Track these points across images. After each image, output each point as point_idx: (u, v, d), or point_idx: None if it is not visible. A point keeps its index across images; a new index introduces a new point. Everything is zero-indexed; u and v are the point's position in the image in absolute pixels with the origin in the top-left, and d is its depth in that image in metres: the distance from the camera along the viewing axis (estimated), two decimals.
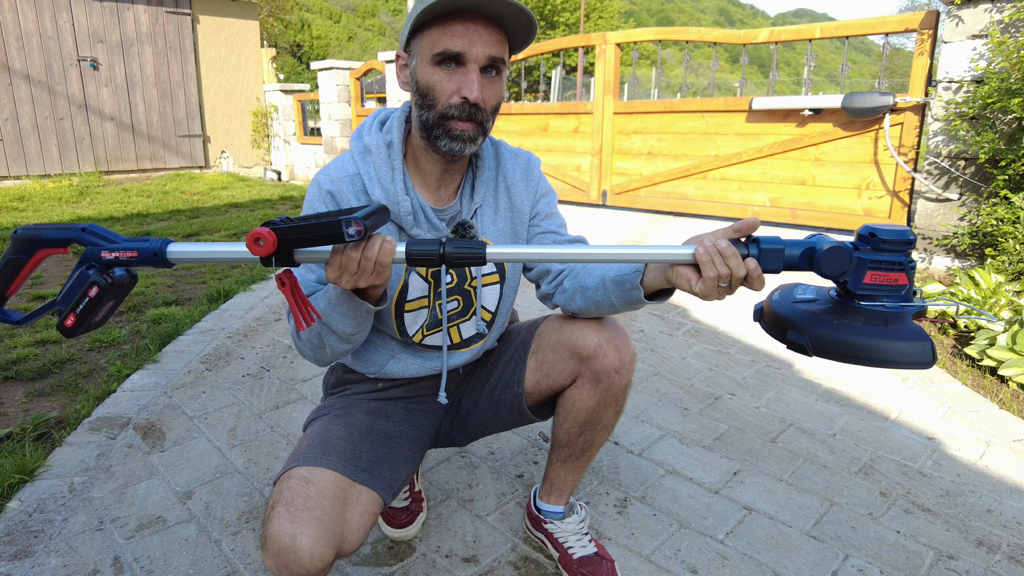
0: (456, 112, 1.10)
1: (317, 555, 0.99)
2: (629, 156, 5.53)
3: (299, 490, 1.04)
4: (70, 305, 0.92)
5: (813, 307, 0.94)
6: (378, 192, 1.18)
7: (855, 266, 0.90)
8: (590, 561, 1.39)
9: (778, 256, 0.94)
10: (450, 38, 1.06)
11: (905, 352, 0.86)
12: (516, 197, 1.30)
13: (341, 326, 1.09)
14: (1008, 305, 2.79)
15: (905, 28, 3.98)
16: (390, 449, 1.23)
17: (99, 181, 8.28)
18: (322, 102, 8.61)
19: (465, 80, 1.07)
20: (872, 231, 0.90)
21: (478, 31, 1.06)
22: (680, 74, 19.98)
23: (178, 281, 3.88)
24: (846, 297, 0.93)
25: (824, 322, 0.91)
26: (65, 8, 8.00)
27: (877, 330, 0.88)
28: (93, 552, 1.50)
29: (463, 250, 0.93)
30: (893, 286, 0.90)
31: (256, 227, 0.94)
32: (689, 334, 2.95)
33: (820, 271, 0.91)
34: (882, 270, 0.90)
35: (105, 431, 2.06)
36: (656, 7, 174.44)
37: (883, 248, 0.89)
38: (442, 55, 1.07)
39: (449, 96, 1.09)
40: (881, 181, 4.21)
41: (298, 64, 32.18)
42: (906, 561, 1.48)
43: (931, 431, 2.07)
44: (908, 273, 0.90)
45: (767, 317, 1.00)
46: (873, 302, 0.91)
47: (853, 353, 0.88)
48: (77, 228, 0.95)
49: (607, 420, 1.32)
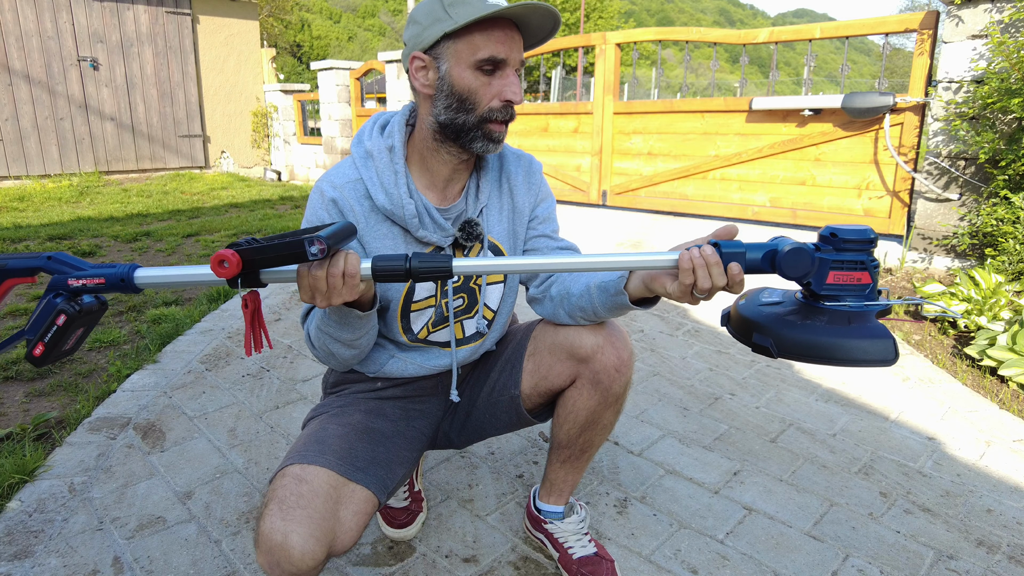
0: (498, 115, 1.14)
1: (308, 553, 0.99)
2: (629, 156, 5.53)
3: (292, 488, 1.05)
4: (38, 334, 0.90)
5: (778, 309, 0.95)
6: (381, 196, 1.18)
7: (817, 267, 0.91)
8: (590, 561, 1.39)
9: (739, 260, 0.94)
10: (495, 44, 1.09)
11: (867, 350, 0.87)
12: (518, 199, 1.31)
13: (340, 333, 1.11)
14: (1008, 305, 2.79)
15: (905, 28, 3.98)
16: (386, 448, 1.23)
17: (99, 181, 8.28)
18: (322, 102, 8.61)
19: (507, 83, 1.12)
20: (833, 231, 0.91)
21: (514, 37, 1.12)
22: (680, 74, 19.99)
23: None
24: (811, 299, 0.94)
25: (788, 324, 0.92)
26: (65, 8, 8.00)
27: (839, 329, 0.89)
28: (93, 552, 1.50)
29: (428, 264, 0.93)
30: (856, 285, 0.91)
31: (228, 244, 0.95)
32: (689, 334, 2.95)
33: (782, 273, 0.92)
34: (844, 270, 0.90)
35: (105, 431, 2.06)
36: (656, 7, 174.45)
37: (844, 248, 0.90)
38: (486, 61, 1.10)
39: (491, 99, 1.12)
40: (881, 181, 4.21)
41: (298, 64, 32.19)
42: (906, 561, 1.48)
43: (931, 431, 2.07)
44: (871, 272, 0.91)
45: (733, 321, 1.00)
46: (837, 302, 0.91)
47: (816, 353, 0.89)
48: (43, 257, 0.94)
49: (607, 420, 1.32)
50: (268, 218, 6.08)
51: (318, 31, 47.01)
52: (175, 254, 4.62)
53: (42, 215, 6.11)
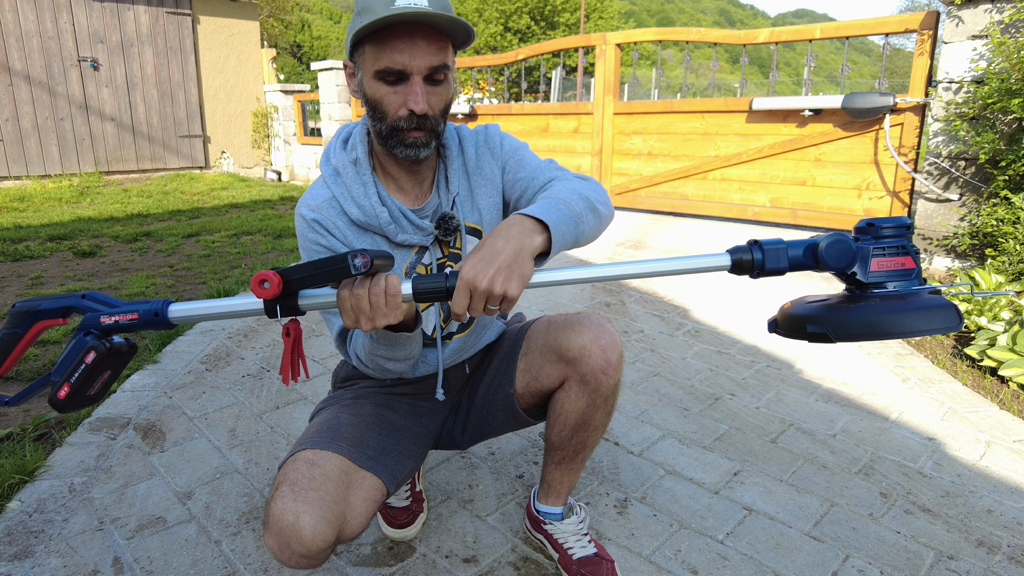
0: (405, 124, 1.11)
1: (319, 534, 0.99)
2: (629, 156, 5.53)
3: (304, 471, 1.06)
4: (64, 375, 0.86)
5: (827, 302, 0.94)
6: (355, 211, 1.19)
7: (860, 256, 0.90)
8: (590, 562, 1.39)
9: (782, 254, 0.93)
10: (390, 55, 1.05)
11: (929, 319, 0.85)
12: (486, 171, 1.30)
13: (393, 352, 1.12)
14: (1008, 305, 2.79)
15: (905, 28, 3.98)
16: (396, 440, 1.25)
17: (99, 181, 8.28)
18: (322, 102, 8.61)
19: (410, 93, 1.08)
20: (869, 222, 0.91)
21: (416, 44, 1.05)
22: (680, 74, 19.98)
23: (178, 281, 3.88)
24: (858, 289, 0.93)
25: (841, 310, 0.90)
26: (65, 8, 8.00)
27: (897, 305, 0.88)
28: (93, 552, 1.50)
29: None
30: (902, 270, 0.90)
31: (261, 270, 0.94)
32: (689, 334, 2.95)
33: (826, 265, 0.91)
34: (887, 256, 0.90)
35: (105, 431, 2.06)
36: (656, 8, 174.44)
37: (883, 236, 0.90)
38: (385, 72, 1.07)
39: (397, 109, 1.10)
40: (881, 181, 4.21)
41: (298, 64, 32.20)
42: (906, 562, 1.48)
43: (931, 431, 2.07)
44: (914, 257, 0.90)
45: (783, 323, 0.99)
46: (885, 289, 0.90)
47: (878, 329, 0.87)
48: (77, 296, 0.91)
49: (598, 421, 1.32)
50: (268, 218, 6.08)
51: (318, 31, 47.02)
52: (175, 254, 4.62)
53: (42, 215, 6.11)
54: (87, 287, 3.68)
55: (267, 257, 4.50)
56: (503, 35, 28.47)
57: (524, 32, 28.62)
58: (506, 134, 1.33)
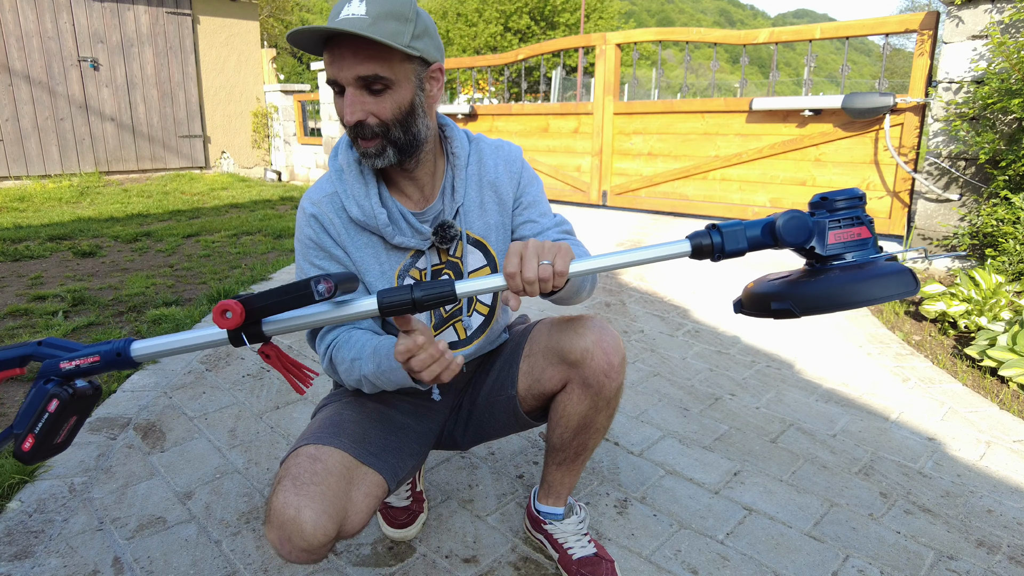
0: (351, 134, 1.14)
1: (320, 528, 1.00)
2: (629, 156, 5.53)
3: (306, 466, 1.06)
4: (27, 426, 0.83)
5: (789, 278, 0.96)
6: (354, 209, 1.20)
7: (817, 231, 0.93)
8: (590, 562, 1.39)
9: (740, 235, 0.94)
10: (327, 67, 1.09)
11: (887, 285, 0.88)
12: (502, 190, 1.31)
13: (384, 387, 1.15)
14: (1008, 306, 2.79)
15: (905, 29, 3.98)
16: (398, 438, 1.25)
17: (99, 181, 8.28)
18: (322, 102, 8.61)
19: (344, 105, 1.10)
20: (823, 196, 0.93)
21: (343, 55, 1.06)
22: (680, 75, 19.98)
23: (178, 282, 3.88)
24: (817, 263, 0.95)
25: (803, 284, 0.93)
26: (65, 8, 8.00)
27: (856, 274, 0.90)
28: (93, 552, 1.50)
29: (433, 292, 0.92)
30: (858, 240, 0.93)
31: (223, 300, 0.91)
32: (689, 335, 2.95)
33: (784, 241, 0.92)
34: (843, 227, 0.92)
35: (105, 431, 2.06)
36: (656, 8, 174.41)
37: (838, 208, 0.92)
38: (330, 83, 1.10)
39: (343, 119, 1.12)
40: (881, 182, 4.21)
41: (298, 64, 32.19)
42: (906, 562, 1.48)
43: (931, 432, 2.07)
44: (868, 227, 0.93)
45: (748, 303, 1.01)
46: (844, 260, 0.93)
47: (838, 300, 0.90)
48: (32, 344, 0.88)
49: (600, 424, 1.32)
50: (268, 218, 6.08)
51: None
52: (175, 254, 4.62)
53: (42, 215, 6.11)
54: (87, 287, 3.68)
55: (267, 257, 4.50)
56: (503, 35, 28.46)
57: (524, 32, 28.61)
58: (527, 163, 1.37)
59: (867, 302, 0.89)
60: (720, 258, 0.95)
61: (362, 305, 0.94)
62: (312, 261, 1.23)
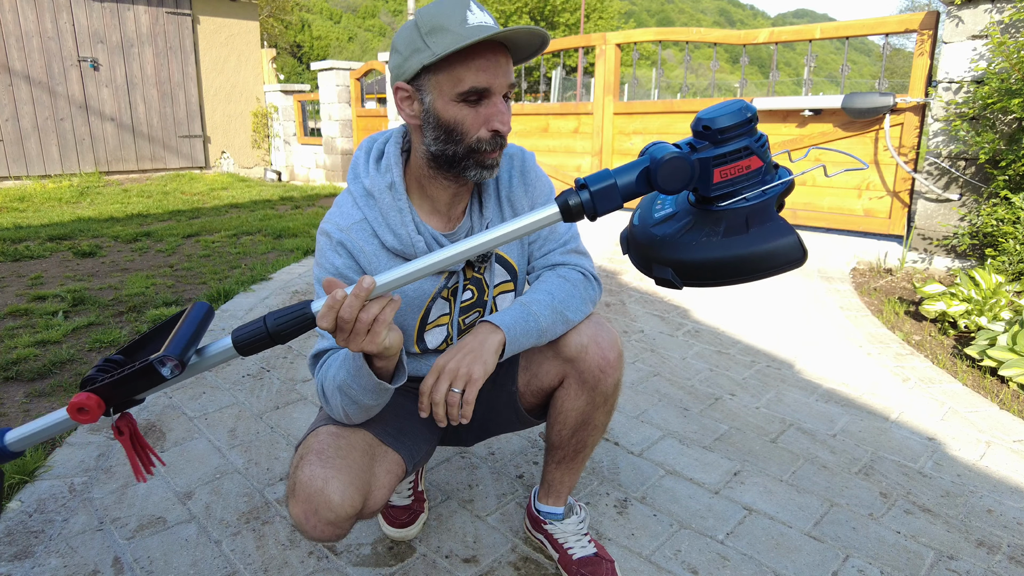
0: (488, 146, 1.09)
1: (348, 499, 1.00)
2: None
3: (330, 441, 1.08)
4: None
5: (671, 227, 0.85)
6: (390, 238, 1.17)
7: (700, 170, 0.79)
8: (590, 562, 1.39)
9: (612, 192, 0.83)
10: (475, 74, 1.04)
11: (772, 255, 0.79)
12: (517, 205, 1.29)
13: (362, 398, 1.07)
14: (1008, 305, 2.79)
15: (905, 28, 3.98)
16: (411, 423, 1.27)
17: (99, 181, 8.28)
18: (322, 102, 8.62)
19: (494, 113, 1.07)
20: (706, 124, 0.79)
21: (499, 62, 1.06)
22: (680, 75, 19.97)
23: (178, 282, 3.88)
24: (703, 203, 0.83)
25: (683, 246, 0.82)
26: (65, 8, 8.00)
27: (739, 240, 0.80)
28: (93, 552, 1.50)
29: (285, 319, 0.87)
30: (747, 175, 0.80)
31: (81, 381, 0.89)
32: (689, 334, 2.95)
33: (663, 189, 0.80)
34: (729, 163, 0.79)
35: (105, 431, 2.06)
36: (656, 8, 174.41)
37: (723, 139, 0.79)
38: (469, 92, 1.05)
39: (477, 130, 1.08)
40: (881, 181, 4.21)
41: (298, 64, 32.20)
42: (906, 562, 1.48)
43: (931, 431, 2.07)
44: (759, 154, 0.79)
45: (632, 246, 0.90)
46: (733, 199, 0.81)
47: (720, 274, 0.81)
48: None
49: (598, 421, 1.32)
50: (268, 218, 6.08)
51: (318, 31, 47.00)
52: (175, 254, 4.62)
53: (42, 215, 6.11)
54: (87, 287, 3.68)
55: (267, 257, 4.50)
56: None
57: None
58: (540, 169, 1.33)
59: (752, 277, 0.80)
60: (595, 217, 0.85)
61: (218, 348, 0.90)
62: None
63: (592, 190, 0.83)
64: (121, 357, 0.88)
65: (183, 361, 0.84)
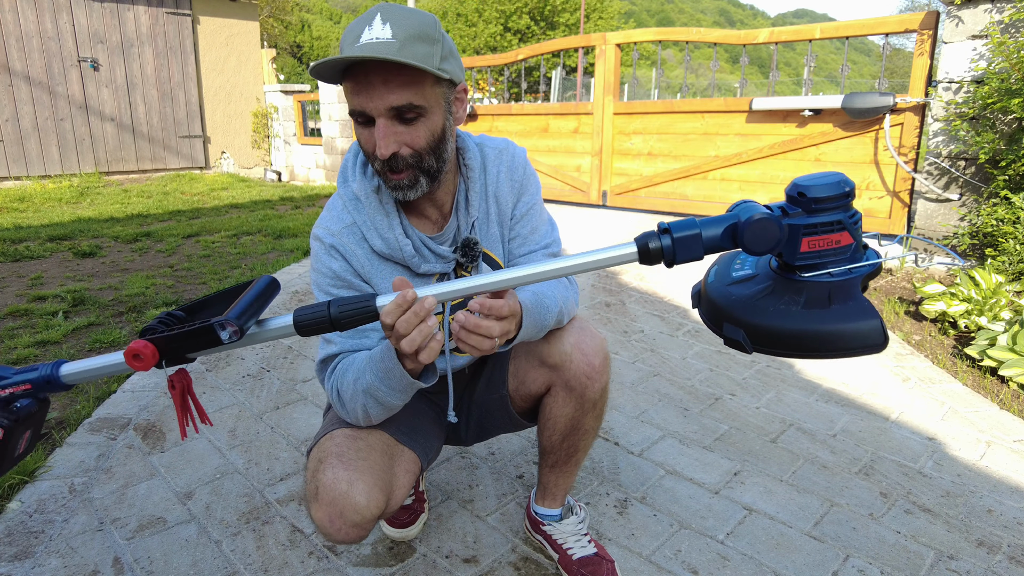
0: (380, 167, 1.07)
1: (373, 501, 1.00)
2: (629, 156, 5.53)
3: (348, 444, 1.07)
4: None
5: (749, 289, 0.83)
6: (378, 242, 1.17)
7: (788, 236, 0.77)
8: (590, 562, 1.39)
9: (695, 242, 0.81)
10: (352, 96, 1.01)
11: (852, 337, 0.76)
12: (502, 201, 1.27)
13: (391, 399, 1.07)
14: (1008, 305, 2.79)
15: (905, 28, 3.98)
16: (422, 421, 1.27)
17: (99, 182, 8.28)
18: (322, 103, 8.61)
19: (376, 136, 1.02)
20: (801, 190, 0.77)
21: (371, 84, 0.98)
22: (680, 74, 19.96)
23: (178, 281, 3.88)
24: (786, 271, 0.80)
25: (760, 310, 0.80)
26: (65, 9, 8.00)
27: (819, 314, 0.77)
28: (93, 553, 1.50)
29: (350, 308, 0.88)
30: (835, 249, 0.77)
31: (140, 330, 0.91)
32: (689, 335, 2.95)
33: (748, 249, 0.78)
34: (819, 234, 0.77)
35: (105, 432, 2.06)
36: (656, 8, 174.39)
37: (816, 209, 0.76)
38: (353, 114, 1.03)
39: (371, 151, 1.06)
40: (881, 181, 4.21)
41: (298, 65, 32.21)
42: (906, 561, 1.48)
43: (931, 431, 2.07)
44: (851, 230, 0.77)
45: (704, 304, 0.87)
46: (817, 271, 0.78)
47: (794, 346, 0.78)
48: None
49: (588, 425, 1.32)
50: (268, 219, 6.08)
51: (318, 32, 47.02)
52: (175, 254, 4.62)
53: (42, 215, 6.11)
54: (87, 287, 3.68)
55: (267, 257, 4.50)
56: (503, 35, 28.47)
57: (524, 32, 28.61)
58: (530, 166, 1.30)
59: (829, 355, 0.78)
60: (672, 264, 0.82)
61: (278, 323, 0.91)
62: (329, 292, 1.18)
63: (675, 236, 0.81)
64: (183, 314, 0.90)
65: (243, 328, 0.86)
